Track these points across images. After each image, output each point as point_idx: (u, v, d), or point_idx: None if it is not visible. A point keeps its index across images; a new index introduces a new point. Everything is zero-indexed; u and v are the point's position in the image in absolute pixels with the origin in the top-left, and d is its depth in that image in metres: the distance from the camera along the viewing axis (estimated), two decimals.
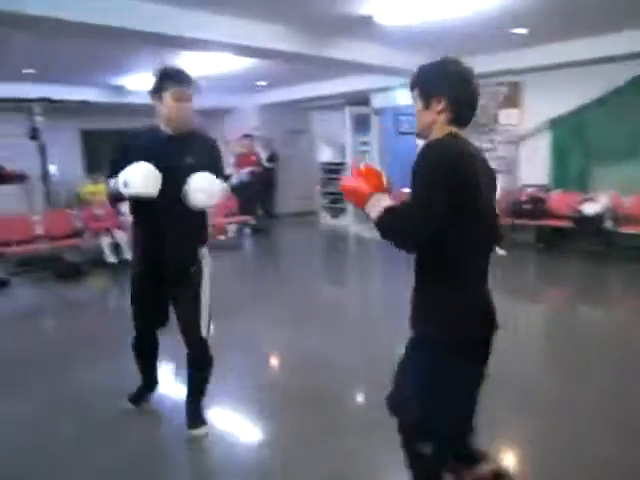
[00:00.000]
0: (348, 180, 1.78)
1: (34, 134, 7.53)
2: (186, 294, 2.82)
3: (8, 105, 7.05)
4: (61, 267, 7.04)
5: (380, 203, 1.66)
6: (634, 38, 6.35)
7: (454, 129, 1.71)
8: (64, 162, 9.59)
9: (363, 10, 5.27)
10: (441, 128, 1.71)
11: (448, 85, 1.70)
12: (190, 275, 2.81)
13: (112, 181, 2.65)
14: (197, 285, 2.83)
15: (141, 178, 2.50)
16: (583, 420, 2.98)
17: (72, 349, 4.40)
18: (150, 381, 3.24)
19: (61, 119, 8.76)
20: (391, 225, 1.64)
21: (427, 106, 1.72)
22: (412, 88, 1.79)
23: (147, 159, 2.54)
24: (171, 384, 3.57)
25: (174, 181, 2.56)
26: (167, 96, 2.60)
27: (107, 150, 2.90)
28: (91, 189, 9.14)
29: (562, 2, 5.10)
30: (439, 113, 1.70)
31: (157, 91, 2.63)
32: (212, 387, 2.99)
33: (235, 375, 3.71)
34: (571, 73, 7.42)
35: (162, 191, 2.54)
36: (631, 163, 7.02)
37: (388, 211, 1.64)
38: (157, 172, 2.52)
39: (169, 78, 2.61)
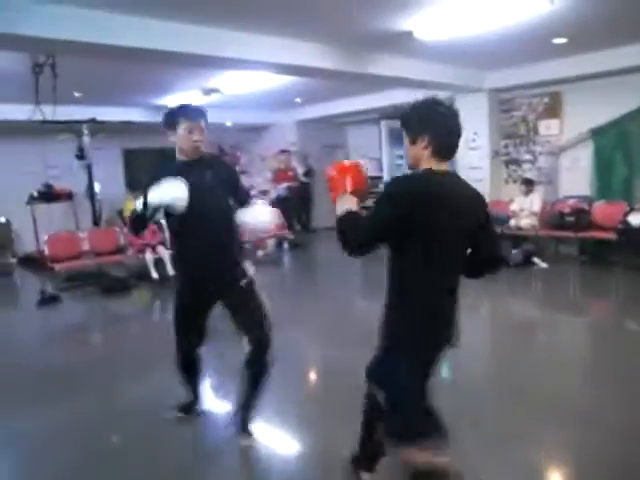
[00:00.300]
0: (339, 168, 2.09)
1: (81, 154, 7.77)
2: (243, 297, 2.91)
3: (59, 127, 7.31)
4: (107, 282, 7.24)
5: (347, 205, 1.96)
6: None
7: (437, 162, 1.93)
8: (107, 180, 9.88)
9: (403, 26, 5.31)
10: (427, 161, 1.94)
11: (429, 125, 1.92)
12: (240, 286, 2.89)
13: (139, 201, 2.76)
14: (251, 289, 2.93)
15: (171, 189, 2.64)
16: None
17: (118, 362, 4.51)
18: (197, 394, 3.35)
19: (105, 139, 9.03)
20: (342, 228, 1.92)
21: (413, 143, 1.95)
22: (402, 127, 2.01)
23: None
24: (215, 397, 3.65)
25: (200, 197, 2.68)
26: (180, 129, 2.76)
27: (148, 168, 3.01)
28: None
29: (601, 10, 5.03)
30: (424, 149, 1.93)
31: (171, 125, 2.79)
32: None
33: (273, 388, 3.71)
34: (612, 82, 7.29)
35: (190, 207, 2.66)
36: None
37: (347, 215, 1.93)
38: (184, 184, 2.64)
39: (181, 112, 2.79)
